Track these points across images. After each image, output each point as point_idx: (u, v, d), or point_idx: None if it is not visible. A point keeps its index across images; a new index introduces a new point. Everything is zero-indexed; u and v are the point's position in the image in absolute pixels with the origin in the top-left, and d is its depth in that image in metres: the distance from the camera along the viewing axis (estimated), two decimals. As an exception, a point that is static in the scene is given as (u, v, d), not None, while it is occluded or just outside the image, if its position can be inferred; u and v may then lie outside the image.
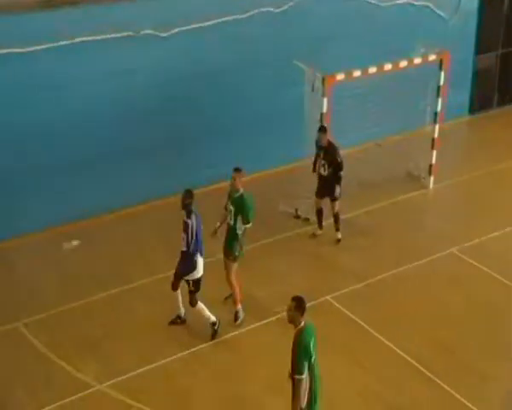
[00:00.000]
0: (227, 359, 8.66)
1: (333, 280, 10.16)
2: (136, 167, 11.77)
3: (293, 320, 6.52)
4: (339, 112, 11.23)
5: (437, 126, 12.47)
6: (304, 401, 6.52)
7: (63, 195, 11.23)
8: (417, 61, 11.85)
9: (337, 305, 9.59)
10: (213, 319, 8.87)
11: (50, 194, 11.14)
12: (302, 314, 6.50)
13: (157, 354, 8.67)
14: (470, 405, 7.97)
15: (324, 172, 10.75)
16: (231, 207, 9.03)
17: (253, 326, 9.18)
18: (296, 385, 6.42)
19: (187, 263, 8.63)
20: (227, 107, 12.46)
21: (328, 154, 10.63)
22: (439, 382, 8.27)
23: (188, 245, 8.51)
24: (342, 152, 10.84)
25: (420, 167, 12.91)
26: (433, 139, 12.54)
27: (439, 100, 12.26)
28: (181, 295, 8.96)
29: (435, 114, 12.38)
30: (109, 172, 11.56)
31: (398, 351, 8.75)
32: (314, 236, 11.21)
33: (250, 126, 12.73)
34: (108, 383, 8.23)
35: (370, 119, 12.09)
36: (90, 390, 8.14)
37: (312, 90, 11.09)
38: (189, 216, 8.52)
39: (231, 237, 9.11)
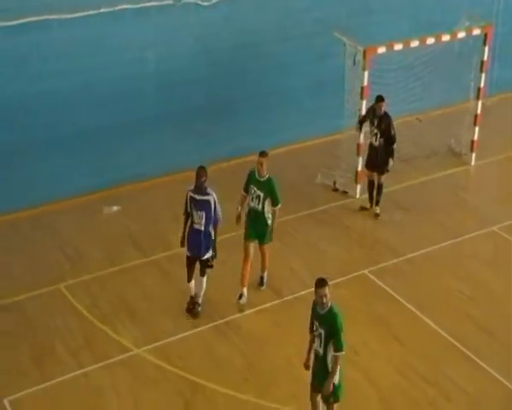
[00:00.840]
0: (259, 328, 8.69)
1: (370, 254, 10.13)
2: (177, 135, 11.80)
3: (328, 303, 6.49)
4: (380, 85, 11.06)
5: (479, 102, 12.21)
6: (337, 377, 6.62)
7: (105, 159, 11.33)
8: (460, 34, 11.57)
9: (374, 279, 9.55)
10: (201, 301, 8.86)
11: (92, 158, 11.24)
12: None
13: (193, 321, 8.77)
14: (510, 385, 7.89)
15: (376, 141, 10.61)
16: (259, 193, 8.74)
17: (288, 298, 9.20)
18: (337, 362, 6.50)
19: (207, 241, 8.53)
20: (266, 77, 12.37)
21: (382, 123, 10.47)
22: (477, 360, 8.19)
23: (207, 223, 8.42)
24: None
25: (461, 143, 12.69)
26: (475, 115, 12.30)
27: (483, 75, 11.99)
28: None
29: (478, 89, 12.12)
30: (150, 139, 11.61)
31: (435, 327, 8.70)
32: (363, 209, 11.13)
33: (289, 97, 12.63)
34: (146, 347, 8.36)
35: (413, 92, 11.87)
36: (128, 354, 8.29)
37: (354, 63, 10.93)
38: (207, 193, 8.39)
39: (263, 224, 8.86)
